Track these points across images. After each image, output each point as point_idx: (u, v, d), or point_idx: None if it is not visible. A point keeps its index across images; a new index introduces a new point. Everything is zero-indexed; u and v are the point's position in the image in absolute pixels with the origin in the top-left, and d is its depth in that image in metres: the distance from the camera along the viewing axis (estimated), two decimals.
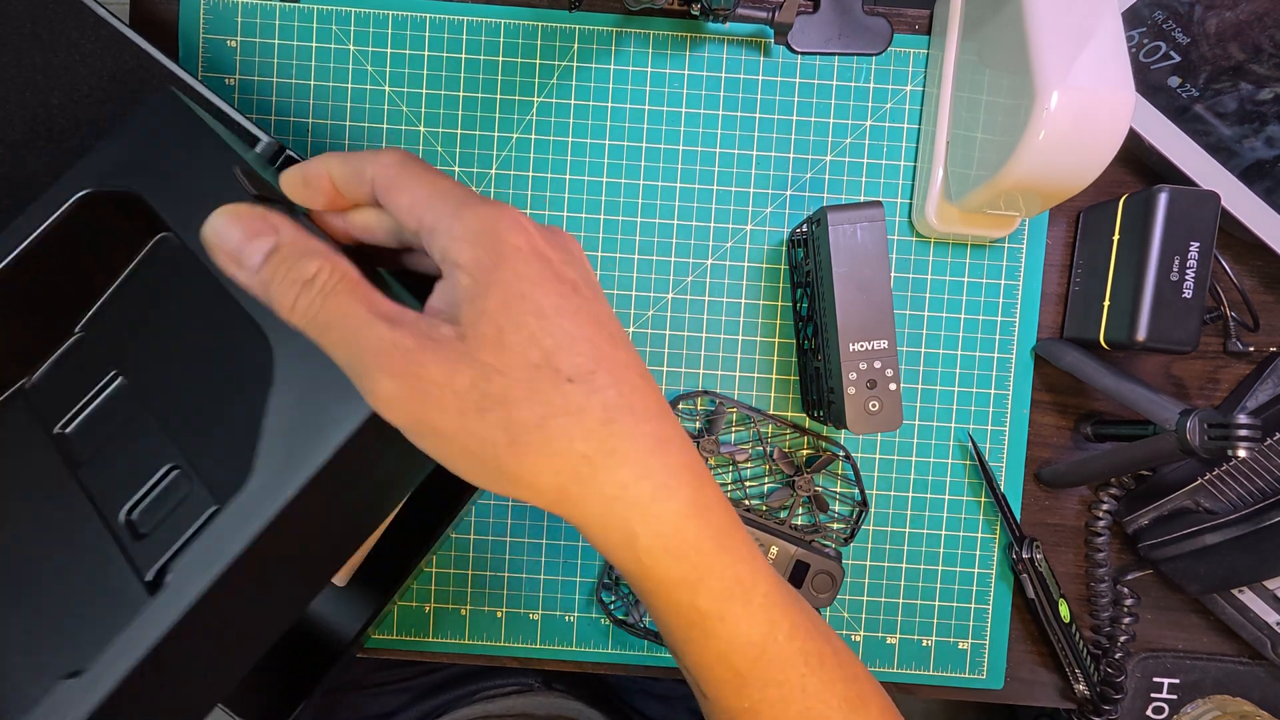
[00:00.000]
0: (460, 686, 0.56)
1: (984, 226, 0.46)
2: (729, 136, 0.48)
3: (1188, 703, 0.50)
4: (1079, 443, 0.49)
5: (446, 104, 0.48)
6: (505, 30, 0.48)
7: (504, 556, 0.50)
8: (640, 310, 0.49)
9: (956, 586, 0.50)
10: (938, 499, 0.49)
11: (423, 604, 0.50)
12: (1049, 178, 0.38)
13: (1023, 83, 0.37)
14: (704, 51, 0.48)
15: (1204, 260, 0.42)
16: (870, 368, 0.41)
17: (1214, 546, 0.44)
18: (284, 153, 0.38)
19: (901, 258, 0.49)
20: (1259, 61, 0.43)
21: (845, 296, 0.41)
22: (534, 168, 0.48)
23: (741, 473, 0.49)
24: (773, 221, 0.49)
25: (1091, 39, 0.36)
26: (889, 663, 0.50)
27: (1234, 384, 0.49)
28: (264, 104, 0.48)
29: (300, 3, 0.47)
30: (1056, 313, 0.49)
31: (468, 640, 0.50)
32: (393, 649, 0.50)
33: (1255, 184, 0.44)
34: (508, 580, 0.50)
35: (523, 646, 0.50)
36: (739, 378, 0.49)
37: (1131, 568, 0.50)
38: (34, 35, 0.35)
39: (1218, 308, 0.48)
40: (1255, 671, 0.50)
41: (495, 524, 0.49)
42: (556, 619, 0.50)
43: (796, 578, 0.46)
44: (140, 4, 0.48)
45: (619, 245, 0.49)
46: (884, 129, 0.48)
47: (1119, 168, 0.48)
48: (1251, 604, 0.47)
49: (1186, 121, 0.44)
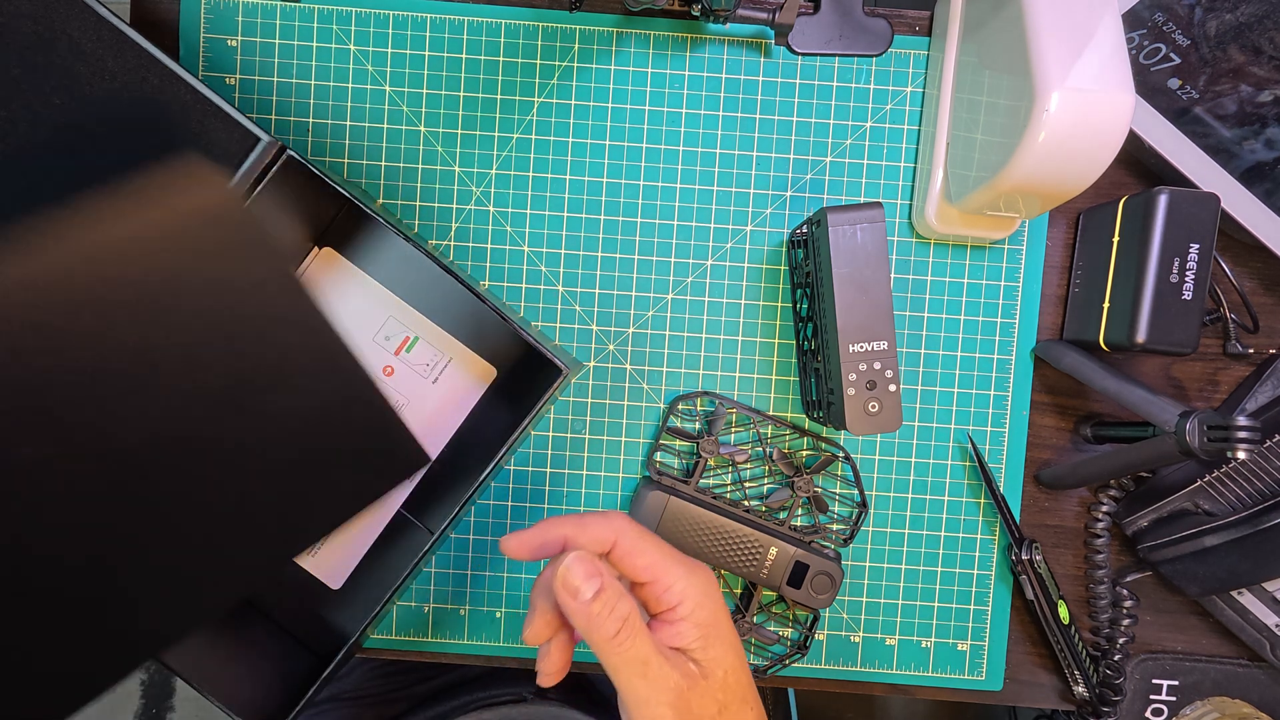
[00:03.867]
0: (455, 697, 0.56)
1: (984, 228, 0.46)
2: (729, 137, 0.48)
3: (1187, 704, 0.50)
4: (1078, 444, 0.50)
5: (446, 104, 0.48)
6: (505, 30, 0.48)
7: (503, 557, 0.50)
8: (640, 310, 0.49)
9: (956, 588, 0.50)
10: (937, 500, 0.49)
11: (421, 604, 0.50)
12: (1049, 179, 0.38)
13: (1023, 84, 0.37)
14: (704, 52, 0.48)
15: (1204, 262, 0.42)
16: (870, 369, 0.41)
17: (1213, 548, 0.44)
18: (284, 153, 0.38)
19: (901, 259, 0.49)
20: (1259, 64, 0.43)
21: (845, 297, 0.41)
22: (534, 168, 0.48)
23: (741, 473, 0.49)
24: (773, 222, 0.49)
25: (1091, 41, 0.36)
26: (888, 664, 0.50)
27: (1233, 386, 0.49)
28: (264, 104, 0.48)
29: (301, 3, 0.47)
30: (1056, 314, 0.49)
31: (466, 640, 0.50)
32: (391, 649, 0.50)
33: (1255, 186, 0.44)
34: (507, 580, 0.50)
35: (522, 647, 0.50)
36: (739, 378, 0.49)
37: (1131, 569, 0.50)
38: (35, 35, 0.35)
39: (1217, 309, 0.48)
40: (1254, 674, 0.50)
41: (495, 524, 0.49)
42: None
43: (796, 578, 0.46)
44: (141, 4, 0.48)
45: (619, 245, 0.49)
46: (884, 130, 0.48)
47: (1119, 169, 0.48)
48: (1251, 606, 0.47)
49: (1186, 123, 0.44)
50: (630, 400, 0.49)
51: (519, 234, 0.48)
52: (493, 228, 0.48)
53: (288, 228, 0.44)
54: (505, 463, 0.49)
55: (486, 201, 0.48)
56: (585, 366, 0.49)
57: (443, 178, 0.48)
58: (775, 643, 0.49)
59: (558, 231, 0.49)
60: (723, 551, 0.46)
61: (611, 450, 0.49)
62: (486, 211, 0.48)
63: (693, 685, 0.30)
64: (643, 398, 0.49)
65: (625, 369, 0.49)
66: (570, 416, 0.49)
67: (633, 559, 0.31)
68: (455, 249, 0.48)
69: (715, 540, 0.46)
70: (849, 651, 0.50)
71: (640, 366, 0.49)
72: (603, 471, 0.49)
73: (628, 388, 0.49)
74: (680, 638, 0.31)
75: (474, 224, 0.48)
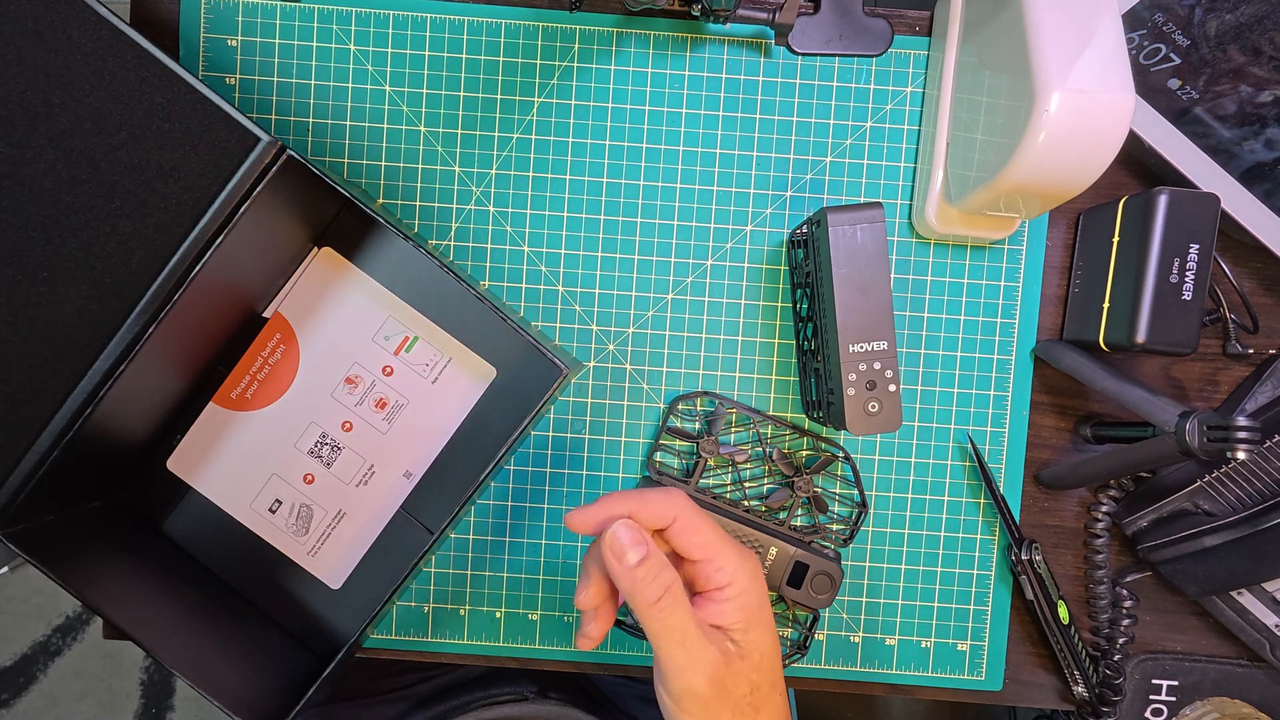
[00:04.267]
0: (455, 696, 0.56)
1: (984, 228, 0.46)
2: (729, 137, 0.48)
3: (1186, 705, 0.50)
4: (1078, 444, 0.50)
5: (447, 104, 0.48)
6: (505, 30, 0.48)
7: (503, 557, 0.50)
8: (640, 310, 0.49)
9: (955, 588, 0.50)
10: (937, 500, 0.49)
11: (421, 604, 0.50)
12: (1049, 180, 0.38)
13: (1023, 85, 0.37)
14: (704, 52, 0.48)
15: (1203, 262, 0.42)
16: (870, 369, 0.41)
17: (1213, 549, 0.44)
18: (284, 153, 0.38)
19: (901, 259, 0.49)
20: (1259, 64, 0.43)
21: (845, 297, 0.41)
22: (534, 168, 0.48)
23: (741, 473, 0.49)
24: (773, 222, 0.49)
25: (1091, 41, 0.36)
26: (888, 664, 0.50)
27: (1233, 386, 0.49)
28: (264, 104, 0.48)
29: (301, 2, 0.47)
30: (1056, 314, 0.49)
31: (466, 640, 0.50)
32: (391, 649, 0.50)
33: (1255, 186, 0.44)
34: (506, 580, 0.50)
35: (521, 647, 0.50)
36: (739, 378, 0.49)
37: (1130, 569, 0.50)
38: (35, 34, 0.35)
39: (1217, 310, 0.48)
40: (1254, 674, 0.50)
41: (494, 524, 0.49)
42: (555, 619, 0.50)
43: (795, 579, 0.46)
44: (141, 3, 0.48)
45: (619, 245, 0.49)
46: (884, 130, 0.48)
47: (1119, 170, 0.48)
48: (1250, 606, 0.47)
49: (1186, 124, 0.44)
50: (630, 400, 0.49)
51: (519, 234, 0.48)
52: (493, 228, 0.48)
53: (288, 227, 0.44)
54: (505, 463, 0.49)
55: (486, 201, 0.48)
56: (585, 366, 0.49)
57: (443, 178, 0.48)
58: None
59: (558, 231, 0.49)
60: None
61: (611, 450, 0.49)
62: (486, 211, 0.48)
63: (729, 662, 0.31)
64: (643, 398, 0.49)
65: (625, 369, 0.49)
66: (570, 416, 0.49)
67: (689, 535, 0.33)
68: (455, 249, 0.48)
69: None
70: (849, 651, 0.50)
71: (640, 366, 0.49)
72: (603, 471, 0.49)
73: (628, 388, 0.49)
74: (724, 617, 0.32)
75: (474, 224, 0.48)
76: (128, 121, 0.36)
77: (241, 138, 0.37)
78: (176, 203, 0.37)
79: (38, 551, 0.39)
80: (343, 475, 0.48)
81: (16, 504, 0.38)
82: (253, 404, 0.47)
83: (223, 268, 0.39)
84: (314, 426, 0.48)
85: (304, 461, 0.48)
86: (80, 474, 0.42)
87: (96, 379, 0.37)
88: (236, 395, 0.47)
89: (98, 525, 0.45)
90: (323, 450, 0.48)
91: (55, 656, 1.17)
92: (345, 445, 0.48)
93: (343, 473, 0.48)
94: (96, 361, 0.37)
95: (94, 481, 0.44)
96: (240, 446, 0.48)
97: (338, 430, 0.48)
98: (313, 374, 0.47)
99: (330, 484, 0.48)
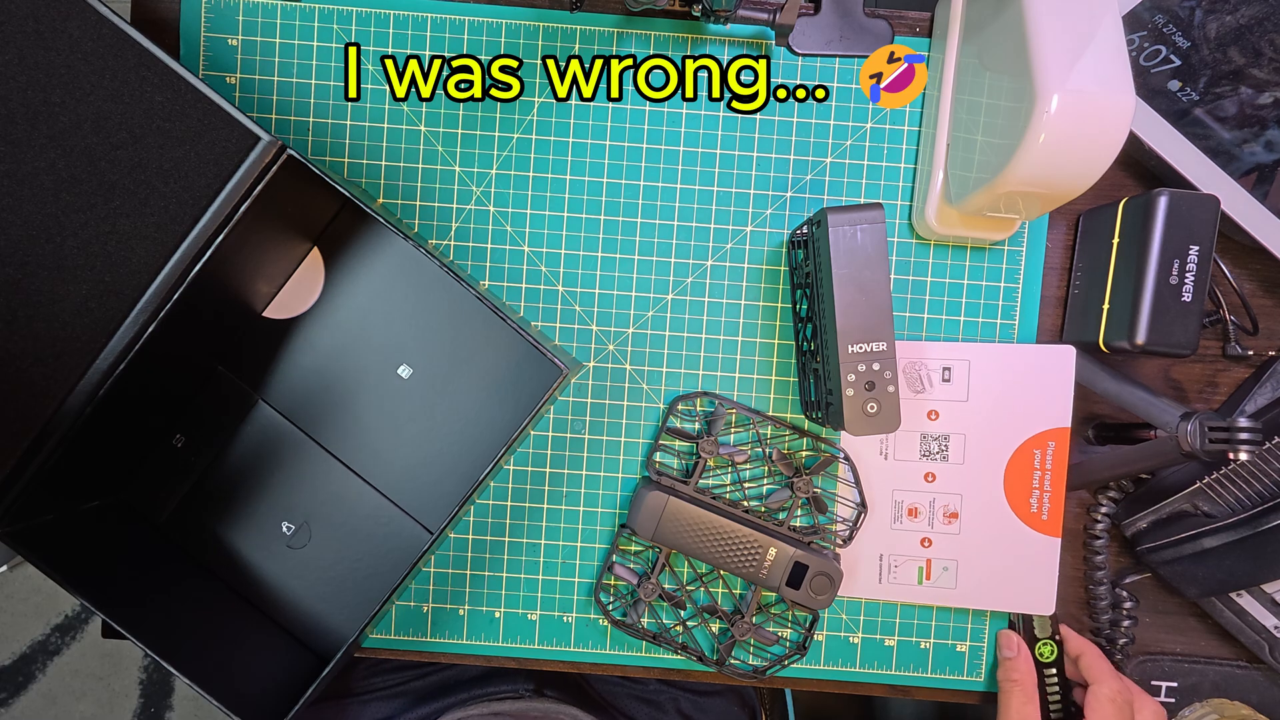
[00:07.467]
0: (452, 693, 0.56)
1: (984, 229, 0.46)
2: (729, 137, 0.48)
3: (1186, 706, 0.50)
4: (1078, 445, 0.49)
5: (446, 104, 0.48)
6: (505, 30, 0.48)
7: (502, 557, 0.50)
8: (640, 311, 0.49)
9: None
10: None
11: (420, 604, 0.50)
12: (1049, 181, 0.38)
13: (1023, 86, 0.37)
14: (705, 53, 0.48)
15: (1203, 264, 0.42)
16: (869, 369, 0.41)
17: (1212, 550, 0.44)
18: (284, 152, 0.38)
19: (901, 259, 0.49)
20: (1259, 66, 0.43)
21: (845, 298, 0.41)
22: (534, 168, 0.48)
23: (741, 474, 0.49)
24: (773, 223, 0.49)
25: (1092, 42, 0.36)
26: (887, 664, 0.50)
27: (1233, 387, 0.49)
28: (264, 103, 0.48)
29: (301, 2, 0.47)
30: (1056, 315, 0.49)
31: (465, 640, 0.50)
32: (391, 649, 0.50)
33: (1255, 188, 0.44)
34: (506, 580, 0.50)
35: (520, 647, 0.50)
36: (739, 379, 0.49)
37: (1130, 571, 0.50)
38: (36, 33, 0.35)
39: (1217, 311, 0.48)
40: (1253, 675, 0.50)
41: (494, 524, 0.49)
42: (554, 619, 0.50)
43: (795, 579, 0.46)
44: (141, 3, 0.48)
45: (619, 246, 0.49)
46: (884, 131, 0.48)
47: (1119, 171, 0.48)
48: (1250, 608, 0.47)
49: (1186, 125, 0.44)
50: (630, 400, 0.49)
51: (519, 234, 0.48)
52: (493, 228, 0.48)
53: (287, 227, 0.44)
54: (505, 463, 0.49)
55: (486, 201, 0.48)
56: (585, 366, 0.49)
57: (443, 178, 0.48)
58: (774, 643, 0.49)
59: (558, 231, 0.49)
60: (722, 552, 0.46)
61: (611, 450, 0.49)
62: (486, 211, 0.48)
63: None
64: (642, 398, 0.49)
65: (625, 369, 0.49)
66: (570, 416, 0.49)
67: (1088, 662, 0.47)
68: (455, 249, 0.48)
69: (714, 540, 0.46)
70: (848, 652, 0.50)
71: (640, 367, 0.49)
72: (602, 471, 0.49)
73: (627, 388, 0.49)
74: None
75: (474, 224, 0.48)
76: (128, 120, 0.36)
77: (242, 137, 0.37)
78: (176, 202, 0.37)
79: (37, 551, 0.39)
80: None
81: (16, 503, 0.38)
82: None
83: (223, 267, 0.39)
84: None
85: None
86: (80, 473, 0.42)
87: (96, 379, 0.37)
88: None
89: (97, 525, 0.45)
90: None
91: (54, 655, 1.17)
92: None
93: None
94: (96, 361, 0.37)
95: (94, 480, 0.44)
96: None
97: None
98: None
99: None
